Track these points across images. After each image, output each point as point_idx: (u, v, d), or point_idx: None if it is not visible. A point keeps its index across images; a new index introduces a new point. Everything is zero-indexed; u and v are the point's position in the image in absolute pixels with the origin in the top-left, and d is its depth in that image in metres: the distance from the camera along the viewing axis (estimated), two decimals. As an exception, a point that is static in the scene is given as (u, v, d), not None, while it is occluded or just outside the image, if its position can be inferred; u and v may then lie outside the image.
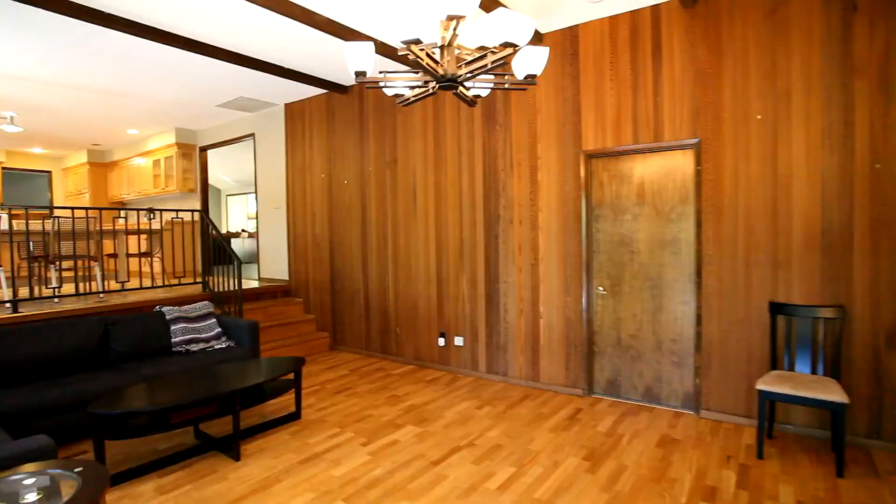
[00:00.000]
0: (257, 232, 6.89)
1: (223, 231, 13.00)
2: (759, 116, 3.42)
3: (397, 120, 5.20)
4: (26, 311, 4.35)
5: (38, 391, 3.11)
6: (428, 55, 1.97)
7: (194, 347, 4.21)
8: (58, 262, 5.02)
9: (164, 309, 4.36)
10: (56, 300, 4.94)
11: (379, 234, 5.41)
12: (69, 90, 5.62)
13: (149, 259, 6.00)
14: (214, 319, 4.55)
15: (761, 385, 2.99)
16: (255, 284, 6.56)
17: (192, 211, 5.52)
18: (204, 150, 7.78)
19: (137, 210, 4.97)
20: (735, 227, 3.52)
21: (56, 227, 4.88)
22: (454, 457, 3.09)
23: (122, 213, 8.89)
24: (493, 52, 2.00)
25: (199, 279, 6.07)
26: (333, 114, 5.80)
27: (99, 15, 3.67)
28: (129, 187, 8.83)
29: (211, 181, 13.43)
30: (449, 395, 4.26)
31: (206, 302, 4.62)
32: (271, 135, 6.58)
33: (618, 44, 3.91)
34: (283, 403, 4.06)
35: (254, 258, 8.53)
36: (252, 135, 6.86)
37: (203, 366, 3.91)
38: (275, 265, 6.68)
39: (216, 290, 5.48)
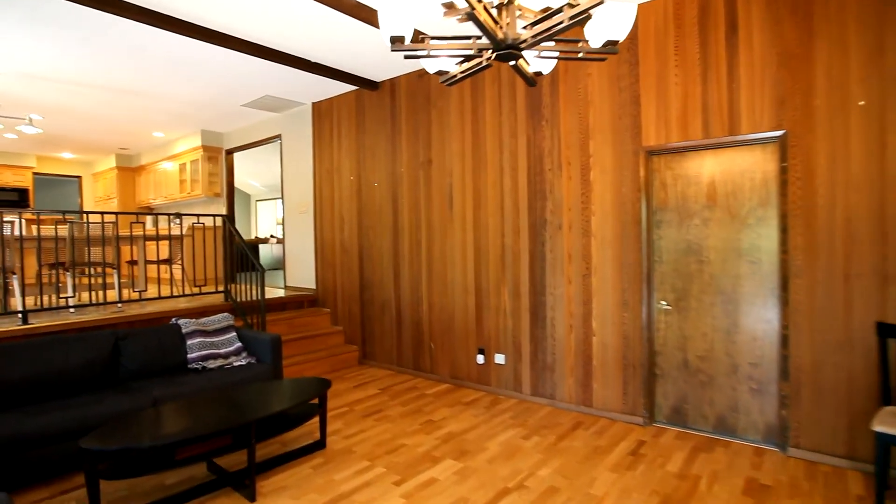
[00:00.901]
0: (283, 237, 6.59)
1: (252, 236, 12.87)
2: (861, 103, 2.89)
3: (432, 117, 4.80)
4: (38, 321, 4.09)
5: (35, 416, 2.80)
6: (486, 10, 1.55)
7: (212, 364, 3.87)
8: (73, 270, 4.78)
9: (181, 322, 4.04)
10: (72, 310, 4.70)
11: (412, 239, 5.02)
12: (90, 90, 5.41)
13: (170, 266, 5.75)
14: (234, 333, 4.22)
15: (880, 427, 2.45)
16: (281, 293, 6.25)
17: (214, 216, 5.23)
18: (230, 152, 7.54)
19: (156, 214, 4.69)
20: (831, 234, 2.99)
21: (71, 233, 4.65)
22: (503, 502, 2.64)
23: (139, 218, 8.75)
24: (564, 10, 1.57)
25: (221, 288, 5.78)
26: (363, 112, 5.45)
27: (109, 1, 3.39)
28: (156, 192, 8.69)
29: (240, 186, 13.34)
30: (490, 420, 3.81)
31: (225, 314, 4.29)
32: (298, 136, 6.28)
33: (684, 24, 3.42)
34: (306, 428, 3.68)
35: (282, 265, 8.25)
36: (278, 136, 6.57)
37: (219, 386, 3.56)
38: (301, 273, 6.36)
39: (239, 299, 5.17)
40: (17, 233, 5.02)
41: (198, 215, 5.01)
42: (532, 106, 4.13)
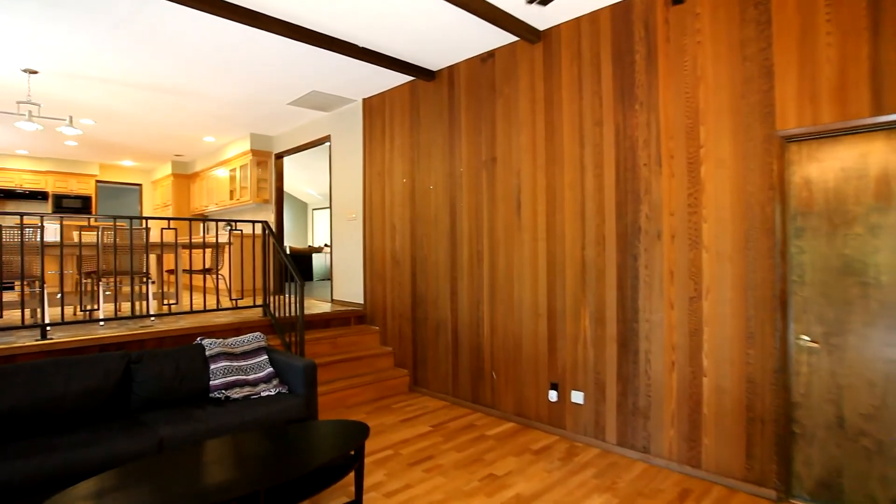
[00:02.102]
0: (331, 247, 6.08)
1: (306, 246, 12.64)
2: None
3: (497, 107, 4.10)
4: (61, 335, 3.72)
5: (5, 461, 2.29)
6: None
7: (236, 394, 3.31)
8: (94, 280, 4.42)
9: (205, 342, 3.53)
10: (101, 324, 4.33)
11: (472, 250, 4.32)
12: (130, 89, 5.13)
13: (212, 276, 5.35)
14: (265, 356, 3.66)
15: None
16: (327, 307, 5.71)
17: (254, 222, 4.76)
18: (279, 156, 7.18)
19: (189, 220, 4.26)
20: None
21: (102, 240, 4.29)
22: None
23: (171, 224, 8.57)
24: None
25: (259, 301, 5.31)
26: (418, 106, 4.83)
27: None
28: (208, 199, 8.51)
29: (297, 195, 13.19)
30: (568, 479, 3.01)
31: (256, 334, 3.75)
32: (348, 136, 5.76)
33: (842, -35, 2.54)
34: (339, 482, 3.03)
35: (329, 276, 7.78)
36: (327, 137, 6.09)
37: (239, 425, 2.97)
38: (349, 285, 5.80)
39: (278, 314, 4.65)
40: (45, 238, 4.76)
41: (234, 221, 4.55)
42: (622, 86, 3.34)
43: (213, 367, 3.42)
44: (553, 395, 3.70)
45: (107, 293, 4.52)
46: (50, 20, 3.66)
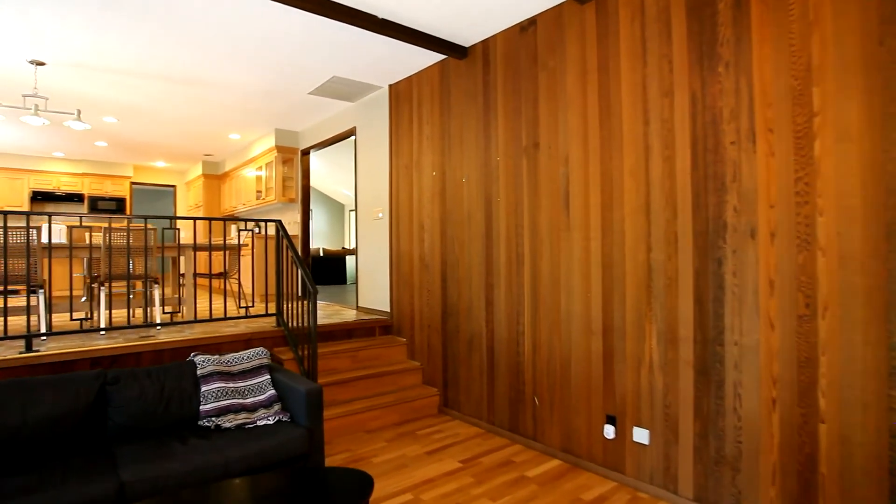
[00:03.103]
0: (356, 249, 5.57)
1: (342, 247, 12.29)
2: None
3: (539, 83, 3.46)
4: (51, 346, 3.33)
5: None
6: None
7: (229, 421, 2.80)
8: (108, 285, 4.05)
9: (198, 359, 3.04)
10: (102, 333, 3.96)
11: (510, 253, 3.68)
12: (142, 81, 4.78)
13: (231, 281, 4.93)
14: (267, 376, 3.15)
15: None
16: (352, 314, 5.20)
17: (267, 221, 4.28)
18: (305, 153, 6.75)
19: (194, 219, 3.82)
20: None
21: (108, 242, 3.92)
22: None
23: (173, 224, 8.29)
24: None
25: (274, 309, 4.85)
26: (448, 89, 4.24)
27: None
28: (236, 199, 8.22)
29: (333, 195, 12.88)
30: (633, 550, 2.32)
31: (258, 350, 3.24)
32: (373, 126, 5.24)
33: None
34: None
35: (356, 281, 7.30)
36: (353, 130, 5.60)
37: (224, 464, 2.44)
38: (375, 292, 5.27)
39: (294, 324, 4.16)
40: (59, 240, 4.46)
41: (245, 220, 4.08)
42: (699, 45, 2.62)
43: (204, 388, 2.93)
44: (609, 431, 3.01)
45: (104, 300, 4.15)
46: (55, 5, 3.30)
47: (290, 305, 4.19)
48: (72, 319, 3.63)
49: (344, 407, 3.90)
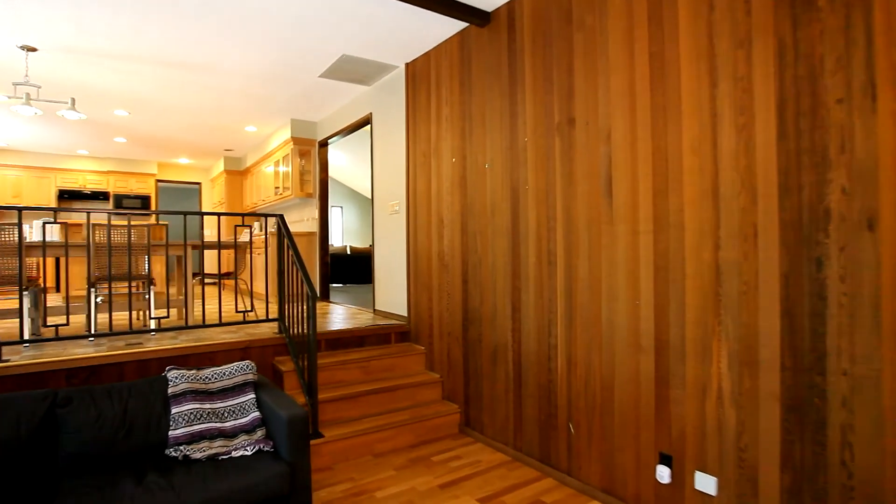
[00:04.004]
0: (372, 246, 5.10)
1: (370, 245, 11.91)
2: None
3: (574, 46, 2.86)
4: (26, 356, 2.99)
5: None
6: None
7: (201, 451, 2.36)
8: (109, 286, 3.71)
9: (171, 374, 2.62)
10: (91, 339, 3.62)
11: (540, 251, 3.10)
12: (137, 65, 4.44)
13: (234, 281, 4.55)
14: (252, 395, 2.69)
15: None
16: (367, 319, 4.73)
17: (267, 215, 3.85)
18: (323, 144, 6.34)
19: (184, 214, 3.42)
20: None
21: (93, 239, 3.57)
22: None
23: (153, 220, 7.99)
24: None
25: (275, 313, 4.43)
26: (469, 63, 3.69)
27: None
28: (256, 196, 7.92)
29: (363, 191, 12.51)
30: None
31: (243, 364, 2.79)
32: (390, 111, 4.75)
33: None
34: None
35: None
36: (369, 117, 5.12)
37: (179, 512, 1.99)
38: (392, 293, 4.78)
39: (295, 330, 3.72)
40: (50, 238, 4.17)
41: (244, 215, 3.66)
42: (790, -25, 1.98)
43: (175, 410, 2.49)
44: (663, 474, 2.40)
45: (99, 301, 3.81)
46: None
47: (294, 310, 3.74)
48: (44, 325, 3.29)
49: (350, 426, 3.42)
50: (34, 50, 4.05)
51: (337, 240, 13.05)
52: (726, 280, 2.15)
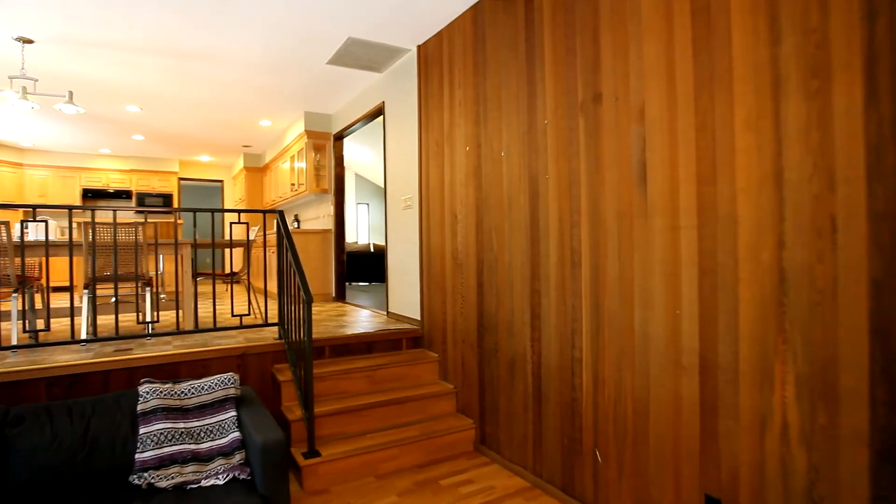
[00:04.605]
0: (386, 245, 4.78)
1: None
2: None
3: (600, 10, 2.44)
4: (8, 363, 2.80)
5: None
6: None
7: (167, 479, 2.07)
8: (92, 287, 3.51)
9: (143, 388, 2.34)
10: (83, 345, 3.42)
11: (562, 248, 2.70)
12: (133, 55, 4.24)
13: (239, 283, 4.30)
14: (233, 413, 2.39)
15: None
16: (381, 321, 4.42)
17: (265, 211, 3.57)
18: (339, 138, 6.05)
19: (171, 210, 3.16)
20: None
21: (87, 238, 3.37)
22: None
23: (147, 218, 7.81)
24: None
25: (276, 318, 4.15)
26: (483, 40, 3.31)
27: None
28: (274, 192, 7.72)
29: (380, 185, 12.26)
30: None
31: (225, 377, 2.50)
32: (402, 98, 4.41)
33: None
34: None
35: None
36: (382, 106, 4.79)
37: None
38: (404, 295, 4.45)
39: (294, 336, 3.42)
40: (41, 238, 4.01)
41: (240, 211, 3.38)
42: None
43: (143, 429, 2.22)
44: (711, 520, 1.97)
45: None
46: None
47: (294, 313, 3.45)
48: (25, 331, 3.08)
49: (351, 443, 3.11)
50: (31, 42, 3.89)
51: (363, 238, 12.86)
52: (794, 287, 1.71)
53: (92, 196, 8.43)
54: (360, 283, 9.50)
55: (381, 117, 4.86)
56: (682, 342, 2.07)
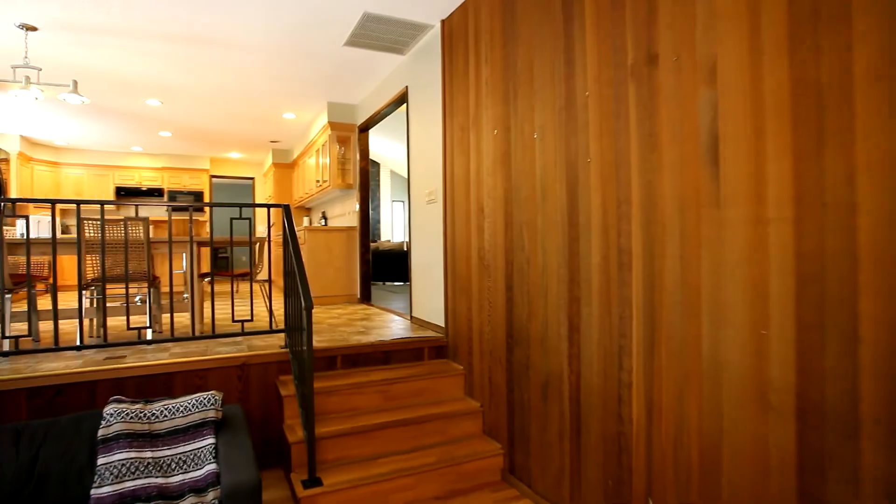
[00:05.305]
0: (409, 242, 4.38)
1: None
2: None
3: (657, -53, 1.94)
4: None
5: None
6: None
7: (120, 526, 1.73)
8: (90, 289, 3.26)
9: (108, 410, 2.02)
10: (79, 351, 3.17)
11: (607, 246, 2.20)
12: (142, 42, 3.99)
13: (255, 283, 4.01)
14: (211, 441, 2.04)
15: None
16: (402, 328, 4.03)
17: (271, 206, 3.23)
18: (364, 129, 5.70)
19: (169, 205, 2.86)
20: None
21: (84, 235, 3.11)
22: None
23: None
24: None
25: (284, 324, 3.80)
26: (513, 6, 2.84)
27: None
28: (302, 189, 7.47)
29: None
30: None
31: (206, 396, 2.15)
32: (426, 81, 4.00)
33: None
34: None
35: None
36: (405, 92, 4.39)
37: None
38: (428, 298, 4.04)
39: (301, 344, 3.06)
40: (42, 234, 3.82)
41: (241, 206, 3.05)
42: None
43: (102, 460, 1.89)
44: None
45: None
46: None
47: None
48: (4, 336, 2.84)
49: (360, 469, 2.71)
50: (34, 29, 3.70)
51: (398, 236, 12.56)
52: (951, 303, 1.18)
53: (125, 194, 8.44)
54: (395, 283, 9.17)
55: (405, 106, 4.46)
56: (769, 373, 1.55)
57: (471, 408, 3.20)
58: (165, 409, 2.09)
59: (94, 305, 3.90)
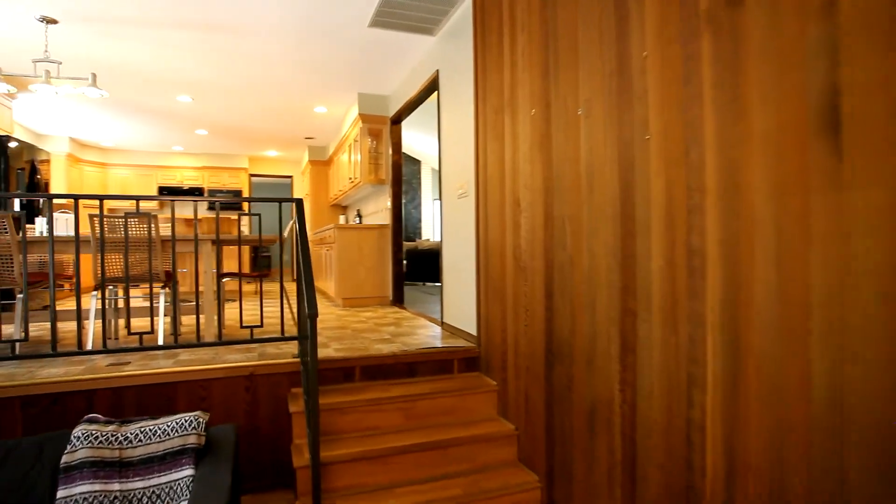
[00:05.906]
0: (441, 241, 4.01)
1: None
2: None
3: None
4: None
5: None
6: None
7: (66, 582, 1.44)
8: (106, 287, 3.08)
9: (75, 433, 1.75)
10: (85, 356, 2.99)
11: (672, 246, 1.74)
12: (159, 31, 3.80)
13: (270, 283, 3.73)
14: (189, 472, 1.73)
15: None
16: (431, 335, 3.67)
17: (281, 200, 2.93)
18: (396, 121, 5.38)
19: (168, 199, 2.61)
20: None
21: (95, 233, 2.93)
22: None
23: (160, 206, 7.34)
24: None
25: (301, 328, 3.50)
26: (556, -40, 2.41)
27: None
28: (336, 186, 7.25)
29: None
30: None
31: (186, 417, 1.85)
32: (457, 63, 3.62)
33: None
34: None
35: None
36: (436, 76, 4.02)
37: None
38: (460, 303, 3.66)
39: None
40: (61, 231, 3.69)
41: (241, 201, 2.78)
42: None
43: (63, 492, 1.61)
44: None
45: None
46: None
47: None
48: (15, 340, 2.67)
49: (372, 501, 2.36)
50: (54, 22, 3.58)
51: (439, 235, 12.24)
52: None
53: (168, 193, 8.52)
54: (434, 284, 8.84)
55: (437, 94, 4.09)
56: (925, 429, 1.07)
57: (504, 430, 2.79)
58: (141, 431, 1.81)
59: (114, 306, 3.76)
